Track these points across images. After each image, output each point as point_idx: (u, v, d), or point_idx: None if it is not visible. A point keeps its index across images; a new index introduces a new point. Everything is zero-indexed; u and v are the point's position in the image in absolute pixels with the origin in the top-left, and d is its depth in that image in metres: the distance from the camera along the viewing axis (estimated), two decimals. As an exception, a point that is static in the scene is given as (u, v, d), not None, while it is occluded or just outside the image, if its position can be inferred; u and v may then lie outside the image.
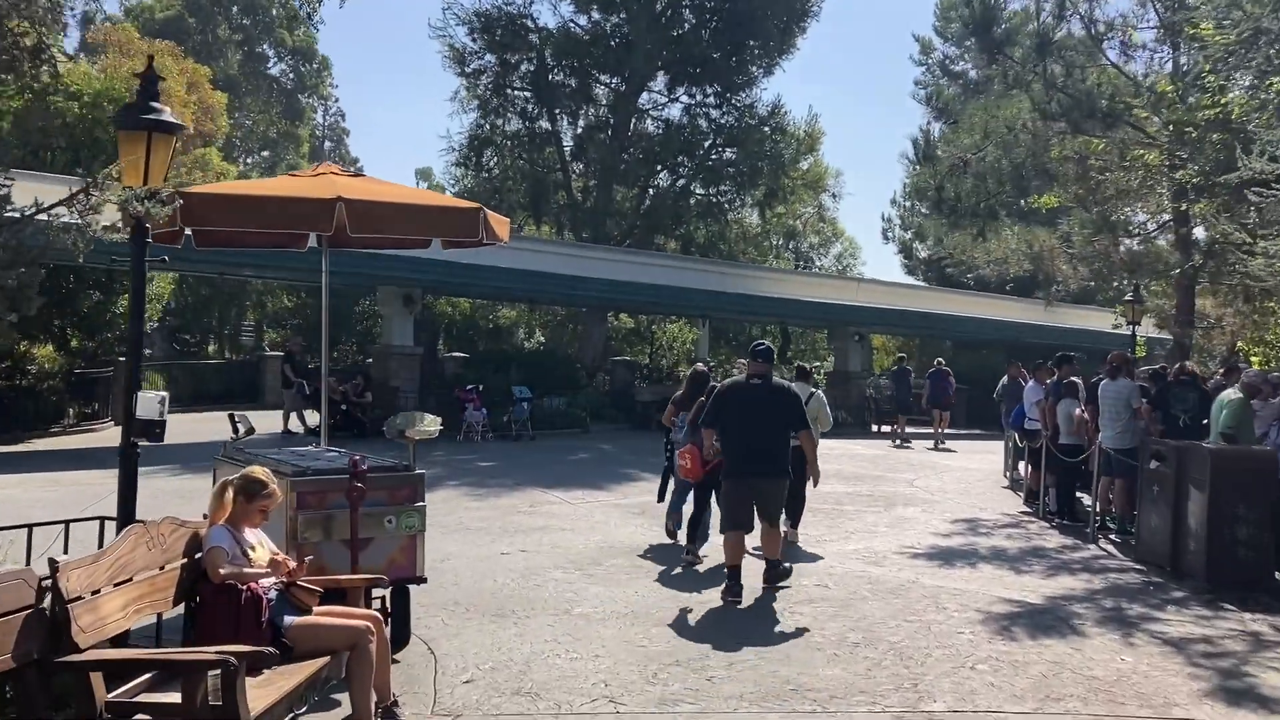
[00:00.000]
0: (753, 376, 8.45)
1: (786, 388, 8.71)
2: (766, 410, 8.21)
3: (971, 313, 31.21)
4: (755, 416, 8.17)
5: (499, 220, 7.74)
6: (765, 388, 8.32)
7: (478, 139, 29.40)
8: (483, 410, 20.16)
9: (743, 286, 26.32)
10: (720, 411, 8.32)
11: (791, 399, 8.46)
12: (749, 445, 8.14)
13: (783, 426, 8.34)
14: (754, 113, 30.89)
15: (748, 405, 8.22)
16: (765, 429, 8.19)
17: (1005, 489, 15.85)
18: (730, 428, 8.22)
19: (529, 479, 14.83)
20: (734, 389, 8.50)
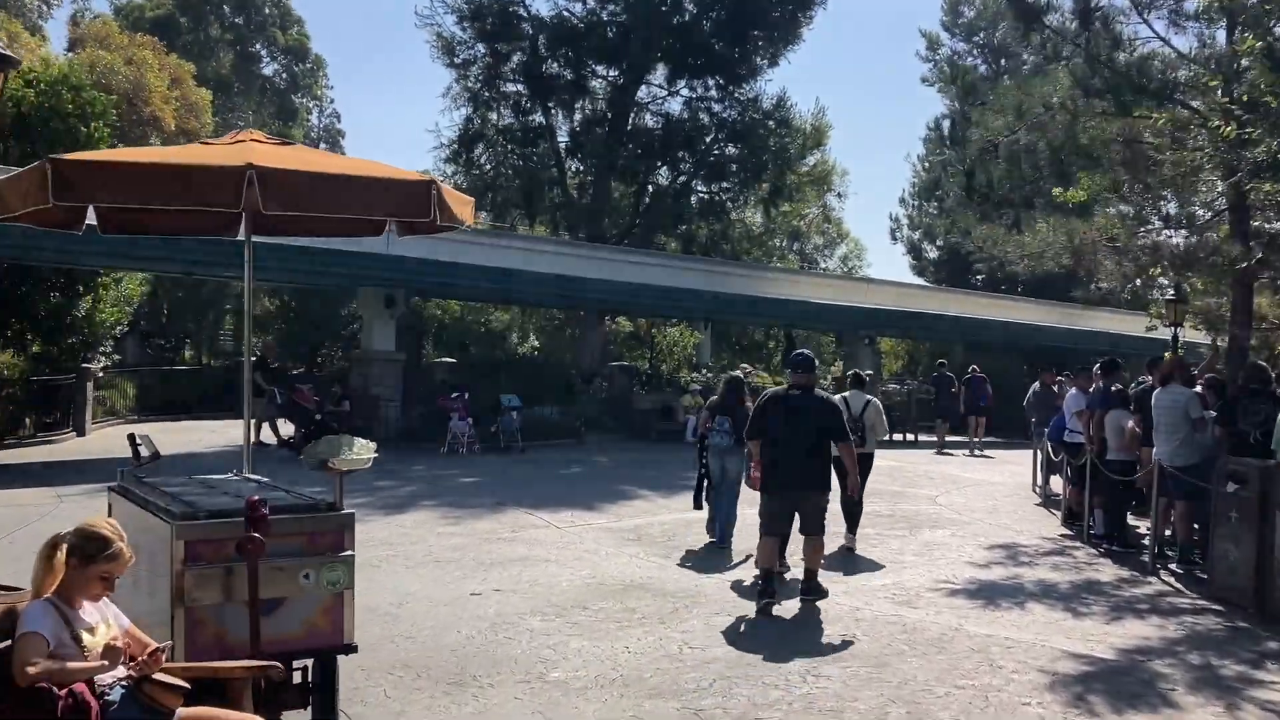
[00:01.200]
0: (793, 387, 8.36)
1: (826, 399, 8.66)
2: (807, 422, 8.11)
3: (986, 315, 29.81)
4: (795, 429, 8.06)
5: (458, 198, 6.35)
6: (805, 399, 8.26)
7: (468, 133, 28.05)
8: (468, 420, 18.77)
9: (747, 288, 24.93)
10: (761, 423, 8.27)
11: (831, 410, 8.43)
12: (789, 457, 8.07)
13: (822, 438, 8.24)
14: (758, 106, 29.54)
15: (788, 418, 8.13)
16: (805, 441, 8.09)
17: (1038, 506, 14.44)
18: (770, 439, 8.17)
19: (514, 497, 13.43)
20: (774, 400, 8.39)
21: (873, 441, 10.95)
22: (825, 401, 8.56)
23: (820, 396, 8.59)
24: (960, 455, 21.01)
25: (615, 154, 27.78)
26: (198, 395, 24.95)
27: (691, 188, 30.21)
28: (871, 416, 10.77)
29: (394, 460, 17.43)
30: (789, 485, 8.15)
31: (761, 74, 28.95)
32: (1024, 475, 18.01)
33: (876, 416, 10.88)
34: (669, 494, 14.16)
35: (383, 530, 10.91)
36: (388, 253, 19.72)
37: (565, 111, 29.14)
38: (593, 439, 21.67)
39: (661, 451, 20.45)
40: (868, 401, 10.94)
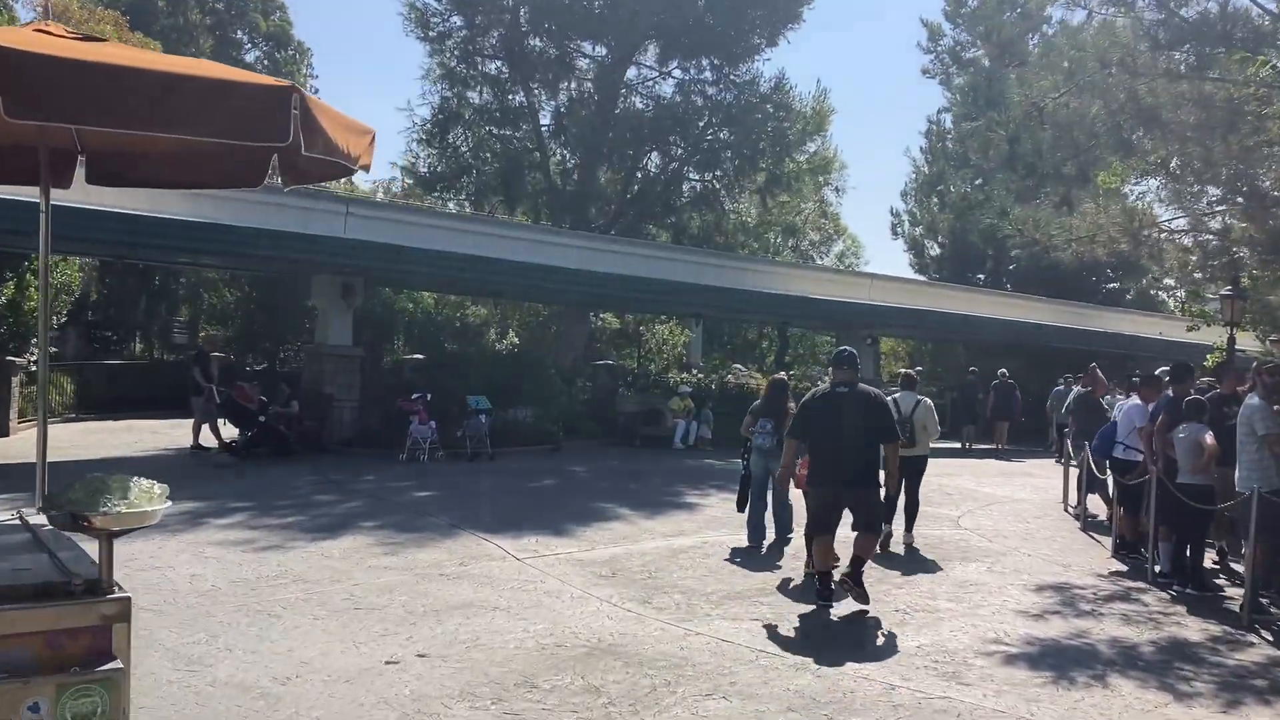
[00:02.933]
0: (838, 385, 8.18)
1: (874, 396, 8.35)
2: (854, 420, 7.95)
3: (996, 314, 27.94)
4: (842, 426, 7.93)
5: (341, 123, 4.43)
6: (851, 396, 8.07)
7: (443, 113, 26.02)
8: (431, 424, 16.79)
9: (742, 281, 22.99)
10: (806, 422, 8.22)
11: (880, 407, 8.23)
12: (836, 455, 7.98)
13: (870, 435, 8.06)
14: (755, 89, 27.60)
15: (835, 415, 8.01)
16: (852, 438, 7.95)
17: (1077, 530, 12.54)
18: (817, 437, 8.17)
19: (471, 517, 11.49)
20: (820, 398, 8.26)
21: (924, 442, 10.89)
22: (874, 398, 8.27)
23: (868, 393, 8.29)
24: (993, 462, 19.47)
25: (602, 137, 25.82)
26: (146, 393, 22.90)
27: (683, 175, 28.28)
28: (922, 416, 10.74)
29: (342, 469, 15.51)
30: (836, 481, 8.03)
31: (759, 54, 27.03)
32: (1050, 490, 16.22)
33: (927, 416, 10.81)
34: (652, 514, 12.24)
35: (301, 562, 8.95)
36: (345, 236, 17.82)
37: (549, 92, 27.14)
38: (571, 445, 19.73)
39: (646, 460, 18.52)
40: (918, 401, 10.88)
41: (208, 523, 10.74)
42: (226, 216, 16.74)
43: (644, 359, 30.47)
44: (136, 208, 16.08)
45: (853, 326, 25.67)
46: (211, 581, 8.16)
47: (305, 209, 17.67)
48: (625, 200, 27.53)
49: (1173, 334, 32.10)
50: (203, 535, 10.03)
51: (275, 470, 15.31)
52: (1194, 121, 9.25)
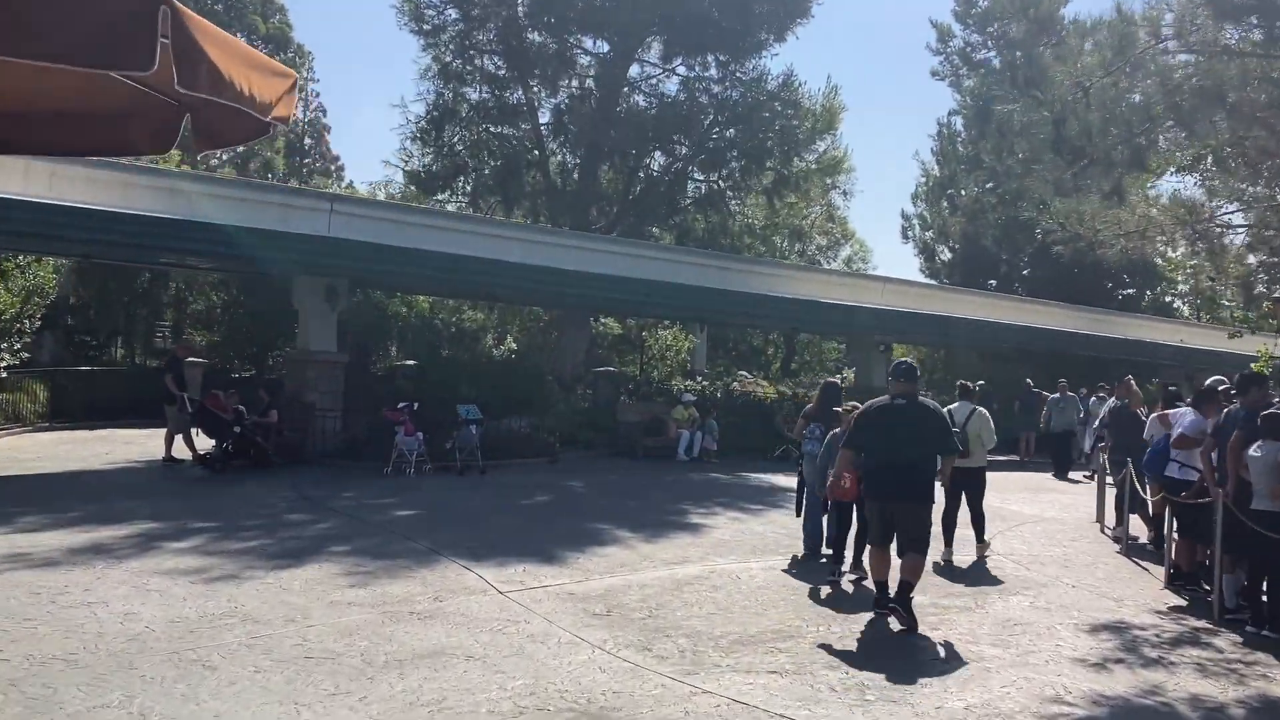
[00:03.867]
0: (897, 396, 8.12)
1: (933, 408, 8.27)
2: (911, 432, 7.90)
3: (1012, 320, 26.84)
4: (899, 439, 7.88)
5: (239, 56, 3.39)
6: (910, 408, 8.02)
7: (438, 109, 24.96)
8: (418, 436, 15.74)
9: (748, 284, 21.91)
10: (863, 432, 8.13)
11: (938, 420, 8.14)
12: (891, 468, 7.89)
13: (928, 448, 8.02)
14: (762, 86, 26.52)
15: (892, 426, 7.95)
16: (909, 452, 7.88)
17: (1121, 556, 11.43)
18: (873, 448, 8.07)
19: (453, 541, 10.40)
20: (878, 410, 8.18)
21: (980, 454, 10.78)
22: (932, 410, 8.18)
23: (926, 405, 8.21)
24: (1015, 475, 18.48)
25: (604, 136, 24.74)
26: (125, 400, 21.82)
27: (688, 175, 27.20)
28: (977, 427, 10.64)
29: (321, 484, 14.45)
30: (891, 494, 7.95)
31: (766, 49, 25.95)
32: (1081, 509, 15.15)
33: (983, 427, 10.71)
34: (653, 536, 11.14)
35: (254, 597, 7.88)
36: (329, 234, 16.77)
37: (548, 89, 26.07)
38: (569, 457, 18.66)
39: (648, 473, 17.45)
40: (973, 411, 10.77)
41: (160, 547, 9.68)
42: (202, 213, 15.73)
43: (646, 366, 29.41)
44: (105, 203, 15.08)
45: (864, 332, 24.60)
46: (146, 622, 7.09)
47: (286, 205, 16.66)
48: (627, 201, 26.47)
49: (1193, 341, 31.13)
50: (151, 562, 8.97)
51: (249, 485, 14.25)
52: (1265, 100, 8.18)
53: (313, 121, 72.44)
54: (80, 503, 11.98)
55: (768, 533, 11.72)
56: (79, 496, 12.55)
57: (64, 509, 11.50)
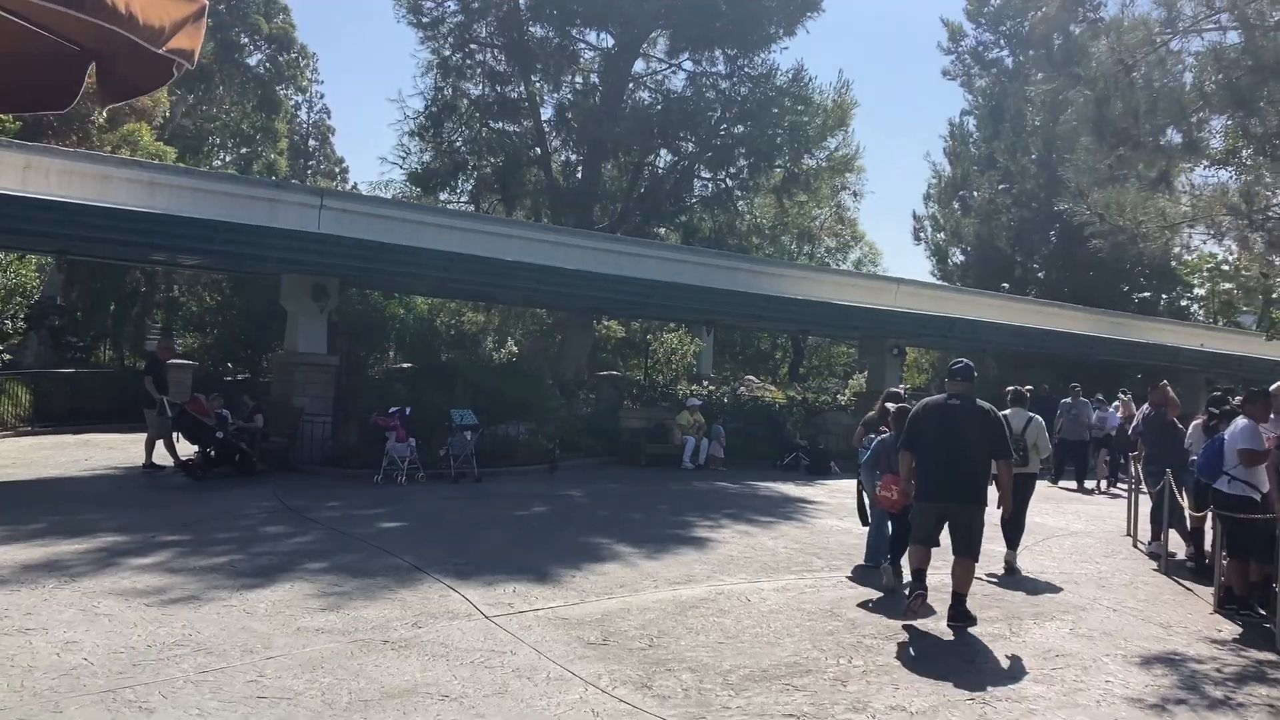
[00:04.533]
0: (951, 397, 8.04)
1: (989, 410, 8.07)
2: (965, 433, 7.79)
3: (1031, 323, 25.98)
4: (952, 439, 7.77)
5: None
6: (965, 409, 7.91)
7: (437, 105, 24.22)
8: (410, 442, 14.97)
9: (757, 285, 21.09)
10: (916, 433, 7.97)
11: (994, 423, 7.99)
12: (944, 469, 7.77)
13: (982, 451, 7.85)
14: (771, 81, 25.72)
15: (945, 427, 7.83)
16: (962, 452, 7.77)
17: (1160, 574, 10.61)
18: (925, 450, 7.90)
19: (441, 556, 9.63)
20: (931, 409, 8.06)
21: (1036, 461, 10.57)
22: (987, 413, 8.00)
23: (983, 407, 8.02)
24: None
25: (607, 133, 23.95)
26: (112, 404, 21.06)
27: (694, 173, 26.42)
28: (1034, 434, 10.44)
29: (306, 494, 13.68)
30: (940, 495, 7.82)
31: (776, 42, 25.17)
32: (1108, 520, 14.37)
33: (1039, 434, 10.51)
34: (655, 552, 10.34)
35: (213, 622, 7.11)
36: (318, 230, 16.02)
37: (550, 84, 25.32)
38: (570, 464, 17.88)
39: (652, 482, 16.66)
40: (1030, 419, 10.57)
41: (121, 563, 8.92)
42: (183, 207, 15.01)
43: (651, 370, 28.61)
44: (81, 197, 14.35)
45: (877, 335, 23.77)
46: (86, 652, 6.33)
47: (272, 200, 15.92)
48: (631, 199, 25.70)
49: (1215, 345, 30.25)
50: (107, 581, 8.20)
51: (230, 494, 13.49)
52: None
53: (317, 124, 71.93)
54: (45, 513, 11.23)
55: (779, 548, 10.92)
56: (46, 506, 11.80)
57: (26, 520, 10.75)
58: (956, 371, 8.20)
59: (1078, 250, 36.99)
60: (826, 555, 10.58)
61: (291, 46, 64.98)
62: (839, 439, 21.93)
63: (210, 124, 53.34)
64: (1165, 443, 11.84)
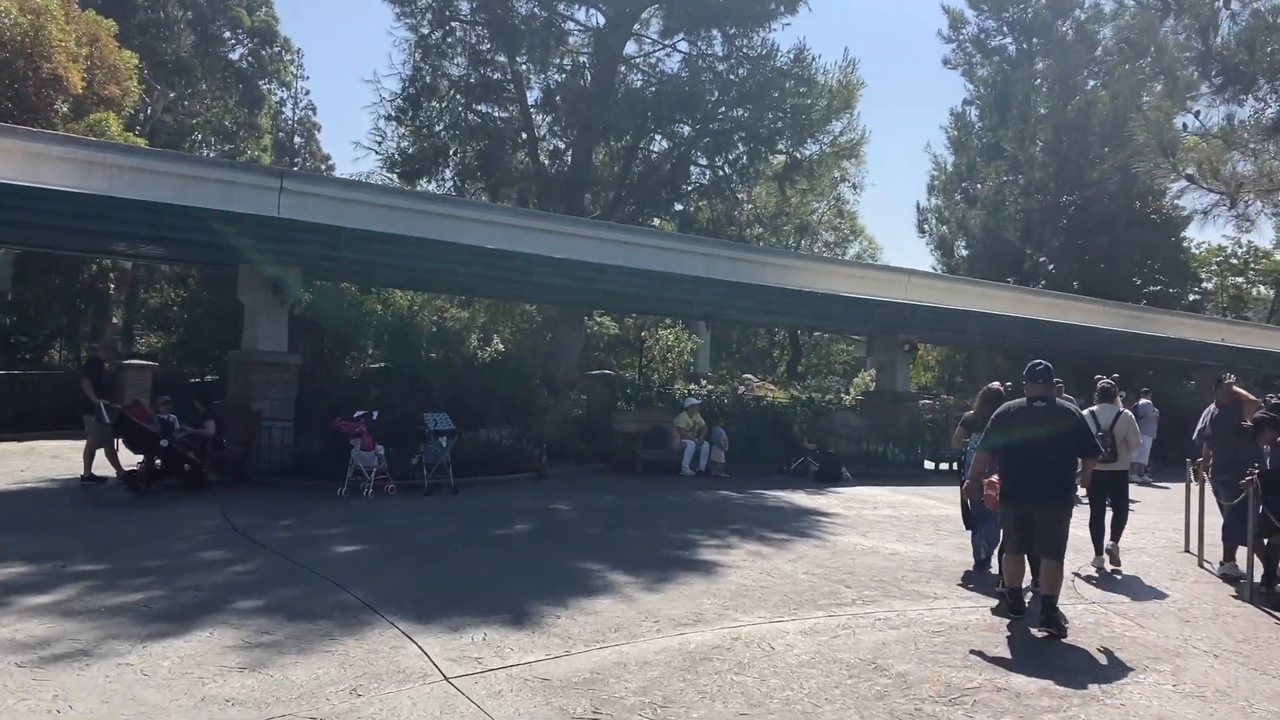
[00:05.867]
0: (1034, 399, 7.91)
1: (1071, 410, 8.10)
2: (1051, 435, 7.68)
3: (1048, 317, 24.50)
4: (1038, 440, 7.68)
5: None
6: (1048, 410, 7.84)
7: (415, 86, 22.62)
8: (377, 450, 13.41)
9: (760, 276, 19.56)
10: (1000, 434, 7.96)
11: (1078, 423, 7.97)
12: (1030, 470, 7.71)
13: (1067, 452, 7.79)
14: (771, 62, 24.16)
15: (1030, 428, 7.73)
16: (1047, 454, 7.68)
17: (1243, 602, 9.10)
18: (1011, 452, 7.89)
19: (400, 589, 8.08)
20: (1014, 412, 7.99)
21: (1125, 456, 10.55)
22: (1070, 413, 8.05)
23: (1065, 407, 8.11)
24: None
25: (598, 116, 22.38)
26: (63, 408, 19.42)
27: (691, 159, 24.88)
28: (1123, 429, 10.41)
29: (259, 510, 12.11)
30: (1028, 497, 7.78)
31: (776, 19, 23.60)
32: (1154, 532, 12.85)
33: (1129, 429, 10.47)
34: (656, 581, 8.79)
35: (95, 691, 5.55)
36: (278, 215, 14.45)
37: (537, 66, 23.71)
38: (559, 472, 16.35)
39: (649, 492, 15.12)
40: (1118, 414, 10.54)
41: (11, 603, 7.37)
42: (123, 189, 13.41)
43: (646, 368, 27.07)
44: (5, 176, 12.76)
45: (886, 330, 22.27)
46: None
47: (227, 182, 14.36)
48: (624, 187, 24.16)
49: (1234, 339, 28.85)
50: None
51: (172, 511, 11.92)
52: None
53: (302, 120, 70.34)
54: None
55: (799, 574, 9.37)
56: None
57: (-84, 547, 9.19)
58: (1037, 373, 7.99)
59: (1089, 242, 35.60)
60: (855, 583, 9.04)
61: (274, 40, 63.45)
62: (849, 442, 20.43)
63: (191, 120, 51.66)
64: (1238, 447, 10.32)
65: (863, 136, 24.76)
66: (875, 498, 15.91)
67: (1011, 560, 7.96)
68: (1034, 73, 40.46)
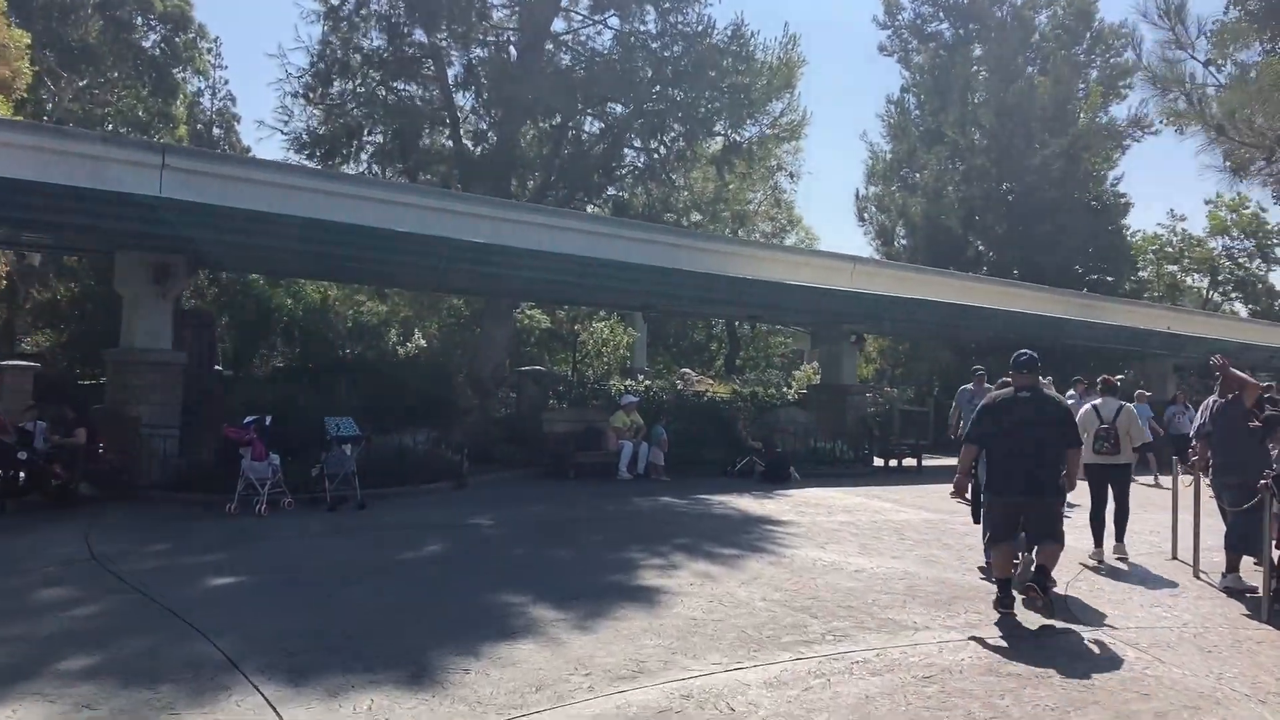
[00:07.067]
0: (1020, 390, 7.92)
1: (1057, 401, 8.14)
2: (1036, 426, 7.71)
3: (997, 305, 23.51)
4: (1025, 433, 7.70)
5: None
6: (1035, 400, 7.85)
7: (325, 61, 20.93)
8: (272, 460, 11.84)
9: (701, 264, 18.20)
10: (986, 427, 7.95)
11: (1063, 413, 7.93)
12: (1019, 462, 7.69)
13: (1053, 444, 7.77)
14: (707, 40, 22.84)
15: (1017, 421, 7.75)
16: (1034, 446, 7.70)
17: (1249, 617, 7.96)
18: (997, 444, 7.89)
19: (275, 635, 6.59)
20: (1000, 403, 7.99)
21: (1128, 450, 10.45)
22: (1056, 404, 8.04)
23: (1051, 398, 8.12)
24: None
25: (524, 96, 20.85)
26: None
27: (626, 141, 23.47)
28: (1125, 422, 10.34)
29: (130, 532, 10.51)
30: (1017, 490, 7.73)
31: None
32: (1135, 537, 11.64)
33: (1131, 422, 10.39)
34: (590, 615, 7.38)
35: None
36: (160, 195, 12.76)
37: (458, 42, 22.07)
38: (483, 479, 14.90)
39: (582, 500, 13.72)
40: (1120, 407, 10.46)
41: None
42: (-29, 165, 11.65)
43: (581, 364, 25.64)
44: None
45: (832, 320, 21.11)
46: None
47: (99, 157, 12.62)
48: (554, 170, 22.68)
49: (1178, 327, 28.25)
50: None
51: (29, 534, 10.30)
52: None
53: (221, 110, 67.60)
54: None
55: (755, 601, 8.03)
56: None
57: None
58: (1022, 363, 7.95)
59: (1031, 229, 34.88)
60: (822, 611, 7.73)
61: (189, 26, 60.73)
62: (795, 439, 19.23)
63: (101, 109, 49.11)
64: (1246, 446, 9.18)
65: (804, 117, 23.52)
66: (828, 501, 14.69)
67: (1000, 550, 7.86)
68: (972, 59, 39.79)
